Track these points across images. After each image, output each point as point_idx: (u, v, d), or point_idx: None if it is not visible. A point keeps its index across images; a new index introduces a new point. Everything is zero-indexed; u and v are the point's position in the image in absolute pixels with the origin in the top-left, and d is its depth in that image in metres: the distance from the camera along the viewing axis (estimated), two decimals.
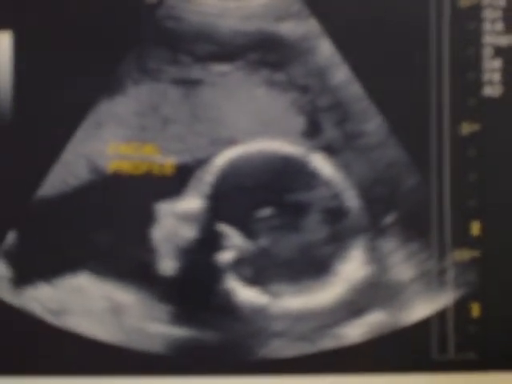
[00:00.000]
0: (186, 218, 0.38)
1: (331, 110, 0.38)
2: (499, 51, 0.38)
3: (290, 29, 0.39)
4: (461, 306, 0.38)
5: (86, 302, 0.38)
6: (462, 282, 0.38)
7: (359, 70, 0.38)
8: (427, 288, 0.38)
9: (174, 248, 0.38)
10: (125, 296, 0.38)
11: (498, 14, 0.38)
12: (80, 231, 0.38)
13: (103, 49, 0.39)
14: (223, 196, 0.38)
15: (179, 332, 0.38)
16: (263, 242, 0.38)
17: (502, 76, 0.38)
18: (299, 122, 0.38)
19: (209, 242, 0.38)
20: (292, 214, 0.38)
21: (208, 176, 0.39)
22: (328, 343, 0.38)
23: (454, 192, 0.38)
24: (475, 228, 0.38)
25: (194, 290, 0.38)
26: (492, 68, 0.38)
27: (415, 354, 0.38)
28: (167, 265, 0.38)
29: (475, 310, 0.38)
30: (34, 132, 0.38)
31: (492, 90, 0.38)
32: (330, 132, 0.38)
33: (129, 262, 0.38)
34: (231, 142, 0.39)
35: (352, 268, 0.38)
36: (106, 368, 0.38)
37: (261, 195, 0.38)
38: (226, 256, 0.38)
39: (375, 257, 0.38)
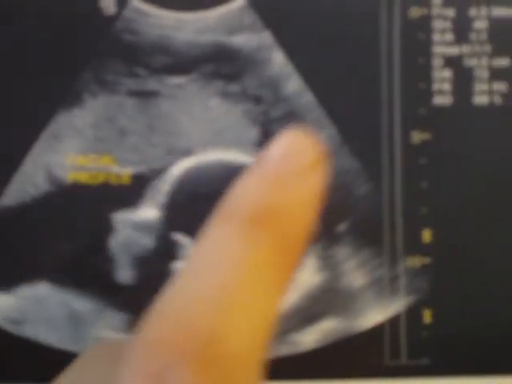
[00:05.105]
0: (142, 227, 0.39)
1: (284, 120, 0.39)
2: (449, 61, 0.39)
3: (243, 41, 0.39)
4: (413, 312, 0.39)
5: (45, 312, 0.39)
6: (414, 288, 0.39)
7: (311, 80, 0.39)
8: (379, 295, 0.39)
9: (131, 257, 0.39)
10: (83, 305, 0.39)
11: (448, 24, 0.39)
12: (39, 240, 0.39)
13: (61, 61, 0.39)
14: (179, 206, 0.39)
15: None
16: None
17: (452, 86, 0.39)
18: (253, 133, 0.39)
19: (165, 251, 0.39)
20: None
21: (164, 186, 0.39)
22: (282, 350, 0.39)
23: (406, 200, 0.39)
24: (426, 235, 0.39)
25: (150, 299, 0.39)
26: (442, 78, 0.39)
27: (368, 360, 0.39)
28: (124, 274, 0.39)
29: (427, 315, 0.39)
30: None
31: (442, 99, 0.39)
32: None
33: (87, 271, 0.39)
34: (186, 152, 0.39)
35: (305, 275, 0.39)
36: None
37: (216, 205, 0.39)
38: (181, 265, 0.39)
39: (328, 264, 0.39)
